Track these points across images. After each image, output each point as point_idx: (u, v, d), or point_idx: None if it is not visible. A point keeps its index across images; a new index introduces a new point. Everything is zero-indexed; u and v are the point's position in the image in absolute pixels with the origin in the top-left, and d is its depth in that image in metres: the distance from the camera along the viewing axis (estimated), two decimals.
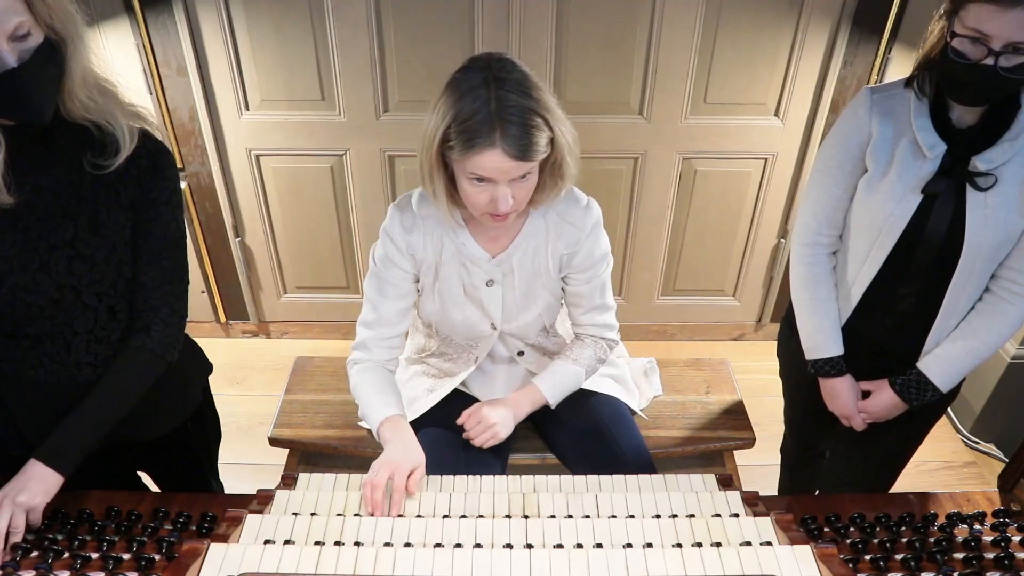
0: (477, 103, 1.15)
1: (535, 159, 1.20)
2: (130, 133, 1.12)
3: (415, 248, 1.40)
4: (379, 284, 1.44)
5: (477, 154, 1.16)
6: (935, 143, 1.28)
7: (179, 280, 1.25)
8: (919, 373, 1.42)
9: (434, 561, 0.95)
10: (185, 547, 0.97)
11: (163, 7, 2.24)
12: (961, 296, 1.36)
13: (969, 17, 1.15)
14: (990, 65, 1.15)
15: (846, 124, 1.38)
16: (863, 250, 1.41)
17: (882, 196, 1.33)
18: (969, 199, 1.28)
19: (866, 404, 1.50)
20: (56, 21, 1.00)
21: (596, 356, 1.56)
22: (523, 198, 1.26)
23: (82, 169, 1.11)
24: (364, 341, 1.47)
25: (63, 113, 1.07)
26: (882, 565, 1.08)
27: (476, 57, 1.22)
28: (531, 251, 1.42)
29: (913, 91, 1.31)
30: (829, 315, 1.48)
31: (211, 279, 2.85)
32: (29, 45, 0.97)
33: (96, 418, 1.18)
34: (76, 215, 1.12)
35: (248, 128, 2.50)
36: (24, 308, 1.13)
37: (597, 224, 1.44)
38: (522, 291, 1.45)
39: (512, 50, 2.32)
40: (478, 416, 1.45)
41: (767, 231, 2.76)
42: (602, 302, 1.52)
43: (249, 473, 2.34)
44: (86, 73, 1.06)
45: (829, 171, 1.41)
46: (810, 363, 1.51)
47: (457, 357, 1.59)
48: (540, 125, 1.18)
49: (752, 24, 2.30)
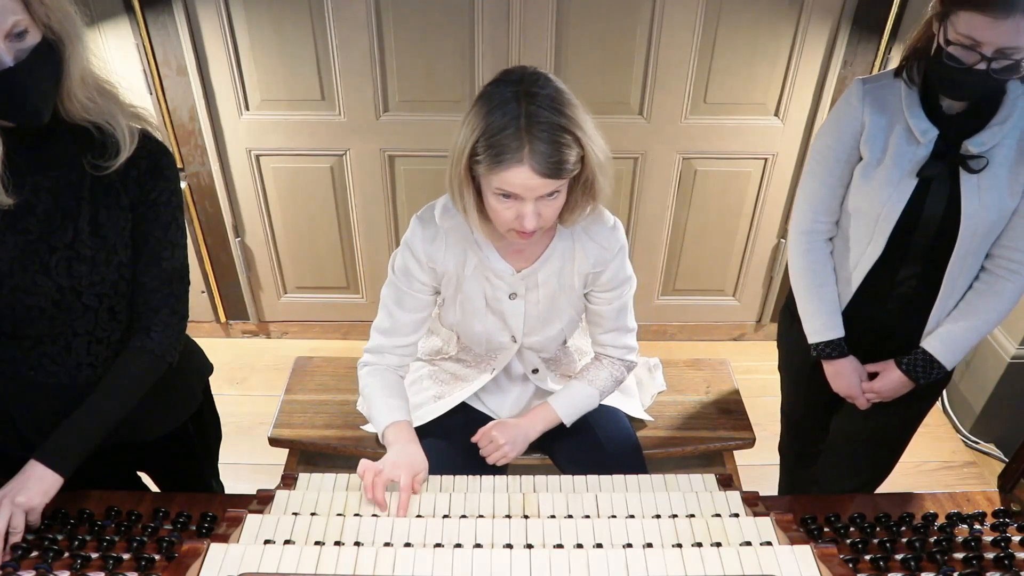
0: (507, 117, 1.13)
1: (564, 177, 1.17)
2: (130, 134, 1.11)
3: (436, 260, 1.38)
4: (397, 294, 1.43)
5: (504, 170, 1.14)
6: (927, 129, 1.32)
7: (179, 281, 1.25)
8: (924, 352, 1.46)
9: (434, 561, 0.95)
10: (185, 547, 0.97)
11: (163, 7, 2.24)
12: (959, 276, 1.40)
13: (961, 24, 1.18)
14: (982, 69, 1.19)
15: (840, 114, 1.42)
16: (863, 236, 1.44)
17: (878, 182, 1.37)
18: (963, 182, 1.32)
19: (874, 384, 1.53)
20: (54, 21, 0.99)
21: (613, 377, 1.55)
22: (551, 216, 1.23)
23: (82, 170, 1.11)
24: (377, 346, 1.46)
25: (62, 114, 1.06)
26: (882, 565, 1.08)
27: (510, 70, 1.20)
28: (557, 268, 1.40)
29: (903, 80, 1.35)
30: (829, 299, 1.51)
31: (211, 279, 2.85)
32: (26, 44, 0.96)
33: (96, 419, 1.18)
34: (76, 217, 1.12)
35: (248, 128, 2.50)
36: (24, 310, 1.13)
37: (623, 249, 1.42)
38: (545, 306, 1.43)
39: (512, 50, 2.33)
40: (488, 437, 1.47)
41: (767, 231, 2.76)
42: (623, 323, 1.51)
43: (249, 473, 2.34)
44: (85, 73, 1.05)
45: (825, 160, 1.45)
46: (813, 347, 1.54)
47: (475, 364, 1.58)
48: (570, 142, 1.15)
49: (752, 24, 2.30)
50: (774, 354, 1.81)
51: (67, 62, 1.01)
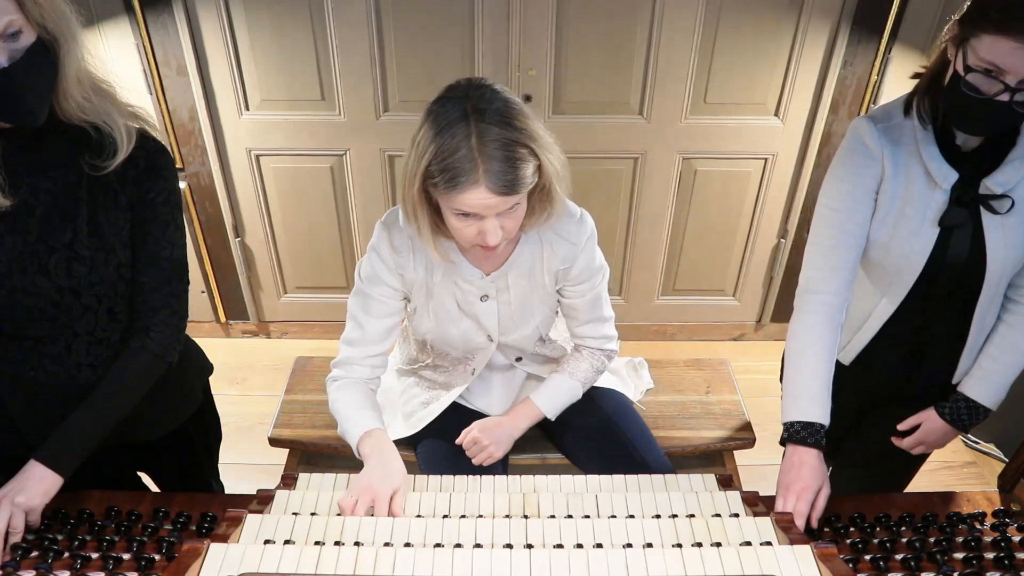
0: (457, 138, 1.09)
1: (522, 191, 1.15)
2: (128, 133, 1.10)
3: (404, 268, 1.36)
4: (364, 302, 1.41)
5: (460, 192, 1.11)
6: (947, 172, 1.20)
7: (179, 281, 1.24)
8: (966, 398, 1.34)
9: (434, 561, 0.95)
10: (185, 547, 0.97)
11: (163, 7, 2.24)
12: (987, 316, 1.32)
13: (983, 49, 1.05)
14: (1004, 101, 1.06)
15: (855, 156, 1.26)
16: (880, 286, 1.34)
17: (898, 233, 1.26)
18: (986, 223, 1.22)
19: (918, 436, 1.41)
20: (48, 20, 0.98)
21: (593, 368, 1.55)
22: (512, 227, 1.21)
23: (80, 171, 1.10)
24: (346, 359, 1.43)
25: (59, 114, 1.05)
26: (882, 565, 1.08)
27: (453, 86, 1.16)
28: (526, 268, 1.39)
29: (915, 118, 1.22)
30: (819, 373, 1.27)
31: (211, 279, 2.85)
32: (20, 45, 0.96)
33: (96, 420, 1.18)
34: (75, 217, 1.11)
35: (248, 128, 2.50)
36: (24, 311, 1.13)
37: (592, 237, 1.40)
38: (518, 305, 1.43)
39: (512, 50, 2.33)
40: (472, 438, 1.46)
41: (767, 231, 2.76)
42: (599, 314, 1.50)
43: (249, 473, 2.34)
44: (81, 73, 1.04)
45: (841, 209, 1.28)
46: (786, 426, 1.27)
47: (452, 369, 1.57)
48: (525, 156, 1.12)
49: (752, 24, 2.30)
50: (774, 354, 1.80)
51: (62, 62, 1.01)
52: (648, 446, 1.56)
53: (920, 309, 1.33)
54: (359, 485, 1.23)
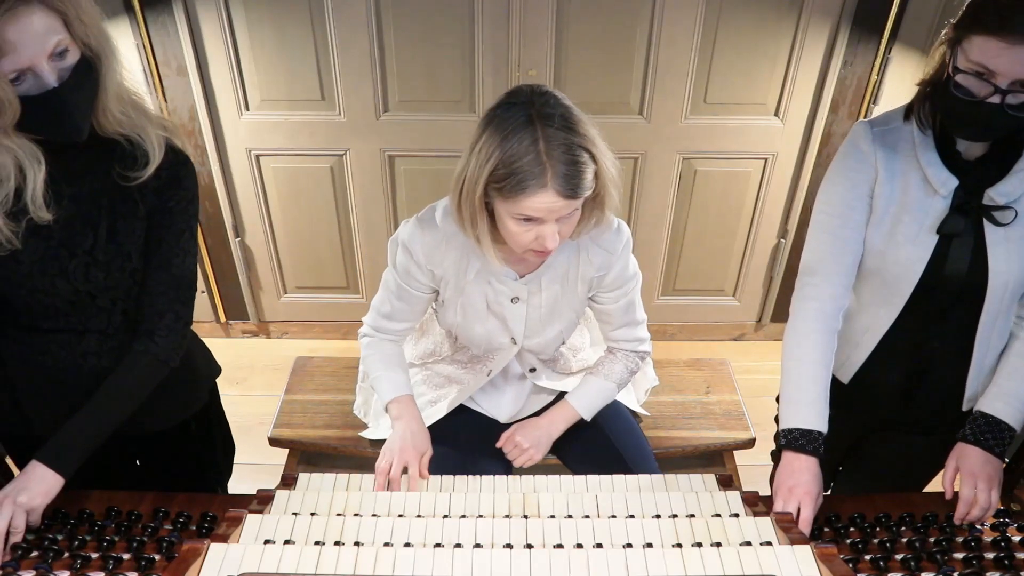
0: (524, 143, 1.11)
1: (584, 195, 1.17)
2: (159, 145, 1.14)
3: (436, 265, 1.38)
4: (398, 288, 1.44)
5: (528, 196, 1.13)
6: (946, 179, 1.18)
7: (187, 288, 1.26)
8: (983, 414, 1.25)
9: (434, 561, 0.95)
10: (185, 547, 0.97)
11: (163, 7, 2.24)
12: (992, 333, 1.27)
13: (973, 50, 1.04)
14: (996, 103, 1.05)
15: (849, 160, 1.26)
16: (877, 297, 1.31)
17: (894, 240, 1.24)
18: (988, 234, 1.19)
19: (962, 471, 1.26)
20: (92, 38, 1.02)
21: (628, 369, 1.55)
22: (568, 232, 1.23)
23: (105, 180, 1.13)
24: (376, 325, 1.51)
25: (96, 128, 1.08)
26: (882, 565, 1.08)
27: (515, 91, 1.18)
28: (561, 274, 1.39)
29: (914, 124, 1.20)
30: (816, 380, 1.26)
31: (211, 279, 2.85)
32: (67, 63, 0.99)
33: (98, 421, 1.20)
34: (96, 224, 1.14)
35: (248, 128, 2.50)
36: (41, 308, 1.18)
37: (627, 246, 1.41)
38: (547, 309, 1.43)
39: (512, 50, 2.33)
40: (512, 441, 1.49)
41: (767, 231, 2.76)
42: (632, 318, 1.51)
43: (249, 473, 2.33)
44: (120, 88, 1.08)
45: (836, 214, 1.27)
46: (783, 433, 1.26)
47: (470, 365, 1.58)
48: (587, 160, 1.15)
49: (752, 24, 2.30)
50: (774, 354, 1.80)
51: (104, 78, 1.04)
52: (643, 461, 1.56)
53: (919, 323, 1.30)
54: (391, 448, 1.38)
